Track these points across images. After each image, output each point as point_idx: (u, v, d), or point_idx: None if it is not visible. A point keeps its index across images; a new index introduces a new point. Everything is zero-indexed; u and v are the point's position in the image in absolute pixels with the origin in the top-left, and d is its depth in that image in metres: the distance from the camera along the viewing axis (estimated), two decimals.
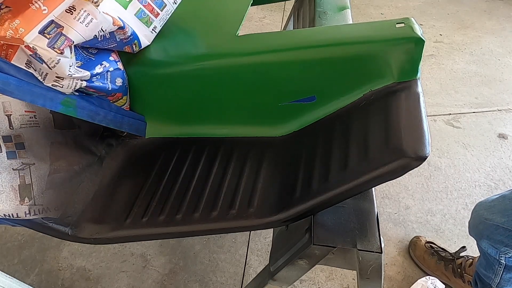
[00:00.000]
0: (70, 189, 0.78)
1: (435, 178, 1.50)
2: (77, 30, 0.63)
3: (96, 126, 0.86)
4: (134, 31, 0.76)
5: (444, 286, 1.10)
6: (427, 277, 1.13)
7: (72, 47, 0.65)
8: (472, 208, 1.03)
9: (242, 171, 0.77)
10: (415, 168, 0.55)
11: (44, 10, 0.60)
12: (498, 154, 1.61)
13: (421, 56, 0.69)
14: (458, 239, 1.30)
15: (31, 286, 0.98)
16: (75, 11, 0.63)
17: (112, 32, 0.71)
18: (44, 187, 0.73)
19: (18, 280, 0.92)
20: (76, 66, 0.68)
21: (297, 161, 0.74)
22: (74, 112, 0.73)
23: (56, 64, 0.63)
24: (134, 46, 0.78)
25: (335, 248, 0.62)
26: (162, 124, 0.88)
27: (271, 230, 1.16)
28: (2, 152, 0.69)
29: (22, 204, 0.69)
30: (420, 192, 1.45)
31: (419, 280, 1.12)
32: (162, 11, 0.82)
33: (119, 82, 0.78)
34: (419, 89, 0.68)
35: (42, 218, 0.71)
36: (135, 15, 0.77)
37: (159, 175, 0.80)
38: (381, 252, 0.60)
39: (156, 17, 0.81)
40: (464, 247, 1.18)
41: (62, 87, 0.68)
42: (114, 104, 0.80)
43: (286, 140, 0.81)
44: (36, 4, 0.60)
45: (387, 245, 1.28)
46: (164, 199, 0.74)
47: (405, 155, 0.55)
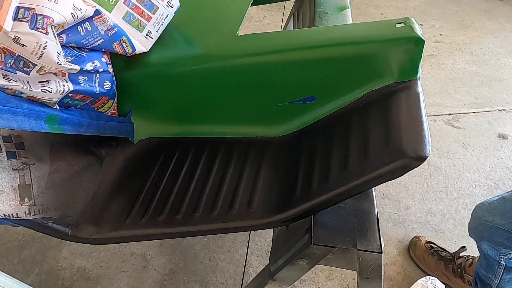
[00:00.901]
0: (70, 189, 0.78)
1: (435, 178, 1.50)
2: (48, 7, 0.60)
3: None
4: (120, 27, 0.73)
5: (444, 286, 1.10)
6: (427, 277, 1.13)
7: (54, 33, 0.61)
8: (472, 208, 1.03)
9: (242, 171, 0.77)
10: (415, 168, 0.55)
11: None
12: (498, 154, 1.61)
13: (421, 56, 0.69)
14: (458, 239, 1.30)
15: (31, 286, 0.98)
16: None
17: (91, 20, 0.68)
18: (44, 187, 0.73)
19: (18, 280, 0.91)
20: (67, 61, 0.66)
21: (297, 161, 0.74)
22: (60, 129, 0.70)
23: (44, 50, 0.59)
24: (124, 44, 0.74)
25: (335, 248, 0.62)
26: (162, 124, 0.88)
27: (271, 230, 1.16)
28: (2, 152, 0.69)
29: (22, 204, 0.69)
30: (420, 192, 1.45)
31: (419, 280, 1.12)
32: (154, 14, 0.78)
33: (107, 85, 0.76)
34: (419, 89, 0.68)
35: (42, 218, 0.71)
36: (123, 18, 0.74)
37: (159, 175, 0.80)
38: (381, 252, 0.60)
39: (148, 21, 0.77)
40: (464, 247, 1.18)
41: (51, 91, 0.66)
42: (96, 111, 0.78)
43: (286, 140, 0.81)
44: None
45: (387, 245, 1.28)
46: (164, 199, 0.74)
47: (405, 155, 0.55)
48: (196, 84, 0.80)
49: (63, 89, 0.68)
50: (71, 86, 0.69)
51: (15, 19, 0.58)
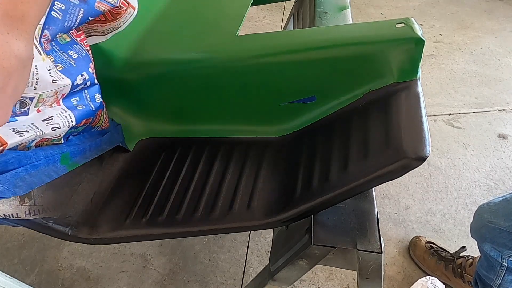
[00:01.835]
0: (70, 189, 0.78)
1: (435, 178, 1.50)
2: None
3: None
4: None
5: (444, 286, 1.10)
6: (427, 277, 1.13)
7: (38, 44, 0.54)
8: (472, 208, 1.03)
9: (242, 171, 0.77)
10: (415, 168, 0.55)
11: None
12: (498, 154, 1.61)
13: (421, 56, 0.69)
14: (458, 239, 1.30)
15: (31, 286, 0.98)
16: None
17: None
18: (44, 187, 0.73)
19: (18, 280, 0.91)
20: (57, 70, 0.60)
21: (297, 161, 0.74)
22: (75, 164, 0.69)
23: (37, 76, 0.53)
24: None
25: (335, 248, 0.62)
26: (162, 124, 0.88)
27: (271, 230, 1.16)
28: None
29: (22, 205, 0.69)
30: (420, 192, 1.45)
31: (419, 280, 1.12)
32: None
33: (98, 98, 0.72)
34: (419, 89, 0.68)
35: (42, 218, 0.71)
36: None
37: (159, 175, 0.80)
38: (381, 252, 0.60)
39: None
40: (464, 247, 1.18)
41: (60, 127, 0.62)
42: (93, 129, 0.74)
43: (286, 140, 0.81)
44: None
45: (387, 245, 1.28)
46: (164, 199, 0.74)
47: (405, 155, 0.55)
48: (196, 84, 0.80)
49: (67, 120, 0.64)
50: (72, 116, 0.65)
51: None
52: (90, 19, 0.64)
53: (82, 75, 0.66)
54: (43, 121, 0.60)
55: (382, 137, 0.62)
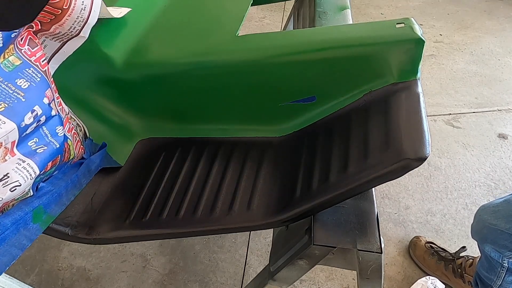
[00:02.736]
0: None
1: (435, 178, 1.50)
2: None
3: None
4: None
5: (444, 286, 1.10)
6: (427, 277, 1.13)
7: None
8: (472, 208, 1.03)
9: (242, 171, 0.77)
10: (415, 168, 0.55)
11: None
12: (498, 154, 1.61)
13: (421, 56, 0.69)
14: (458, 239, 1.30)
15: (31, 286, 0.98)
16: None
17: None
18: None
19: (18, 280, 0.92)
20: None
21: (297, 161, 0.74)
22: (50, 217, 0.60)
23: None
24: None
25: (335, 248, 0.62)
26: (162, 124, 0.88)
27: (271, 230, 1.16)
28: None
29: None
30: (420, 192, 1.45)
31: (419, 280, 1.12)
32: None
33: (60, 130, 0.58)
34: (419, 89, 0.68)
35: None
36: None
37: (159, 175, 0.80)
38: (381, 252, 0.60)
39: None
40: (464, 247, 1.18)
41: (21, 184, 0.51)
42: (66, 165, 0.63)
43: (286, 140, 0.81)
44: None
45: (387, 245, 1.28)
46: (164, 199, 0.74)
47: (405, 155, 0.55)
48: (196, 84, 0.80)
49: (28, 173, 0.52)
50: (33, 165, 0.53)
51: None
52: (48, 86, 0.56)
53: (33, 111, 0.52)
54: None
55: (382, 137, 0.62)
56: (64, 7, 0.59)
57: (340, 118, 0.75)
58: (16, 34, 0.49)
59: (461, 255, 1.18)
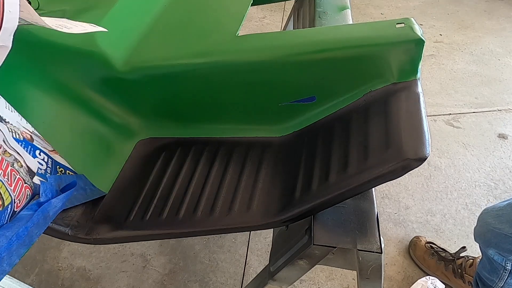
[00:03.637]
0: None
1: (435, 178, 1.50)
2: None
3: None
4: None
5: (444, 286, 1.10)
6: (427, 277, 1.13)
7: None
8: (472, 208, 1.03)
9: (242, 171, 0.77)
10: (415, 168, 0.55)
11: None
12: (498, 154, 1.61)
13: (421, 57, 0.69)
14: (458, 239, 1.30)
15: (31, 286, 0.99)
16: None
17: None
18: None
19: (18, 280, 0.92)
20: None
21: (297, 161, 0.74)
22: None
23: None
24: None
25: (335, 248, 0.62)
26: (162, 124, 0.88)
27: (271, 230, 1.16)
28: None
29: None
30: (420, 192, 1.45)
31: (419, 280, 1.12)
32: None
33: None
34: (419, 89, 0.68)
35: None
36: None
37: (159, 175, 0.80)
38: (381, 252, 0.60)
39: None
40: (464, 247, 1.18)
41: None
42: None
43: (286, 140, 0.81)
44: None
45: (387, 245, 1.28)
46: (164, 200, 0.74)
47: (405, 155, 0.55)
48: (196, 84, 0.80)
49: None
50: None
51: None
52: None
53: None
54: None
55: (382, 137, 0.62)
56: None
57: (340, 118, 0.75)
58: None
59: (461, 255, 1.18)
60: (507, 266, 0.94)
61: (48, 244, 1.31)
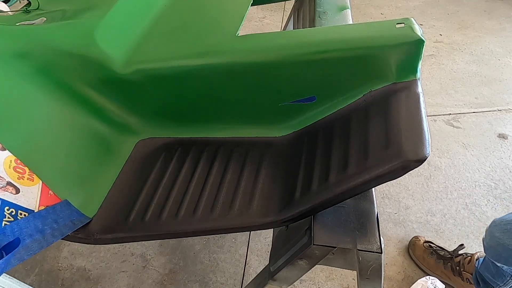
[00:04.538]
0: None
1: (435, 178, 1.50)
2: None
3: None
4: None
5: (444, 286, 1.10)
6: (427, 277, 1.13)
7: None
8: (472, 208, 1.03)
9: (242, 171, 0.77)
10: (415, 168, 0.55)
11: None
12: (498, 154, 1.61)
13: (421, 57, 0.69)
14: (458, 239, 1.30)
15: (31, 286, 0.99)
16: None
17: None
18: None
19: (18, 280, 0.92)
20: None
21: (297, 161, 0.74)
22: None
23: None
24: None
25: (335, 248, 0.62)
26: (162, 124, 0.88)
27: (271, 230, 1.16)
28: None
29: None
30: (420, 192, 1.45)
31: (419, 280, 1.13)
32: None
33: None
34: (419, 89, 0.68)
35: None
36: None
37: (159, 175, 0.80)
38: (381, 252, 0.60)
39: None
40: (462, 244, 1.18)
41: None
42: None
43: (286, 140, 0.81)
44: None
45: (387, 245, 1.28)
46: (164, 200, 0.74)
47: (405, 156, 0.55)
48: (196, 84, 0.80)
49: None
50: None
51: None
52: None
53: None
54: None
55: (382, 137, 0.62)
56: None
57: (340, 118, 0.75)
58: None
59: (459, 252, 1.18)
60: None
61: None
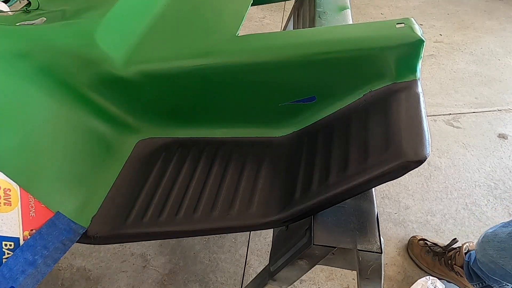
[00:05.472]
0: None
1: (435, 178, 1.50)
2: None
3: None
4: None
5: (444, 286, 1.10)
6: (427, 277, 1.13)
7: None
8: (472, 208, 1.03)
9: (242, 171, 0.77)
10: (415, 168, 0.55)
11: None
12: (498, 154, 1.61)
13: (421, 57, 0.69)
14: (458, 239, 1.30)
15: None
16: None
17: None
18: None
19: None
20: None
21: (297, 161, 0.74)
22: None
23: None
24: None
25: (335, 248, 0.62)
26: (162, 124, 0.88)
27: (271, 230, 1.16)
28: None
29: None
30: (420, 192, 1.45)
31: (419, 280, 1.12)
32: None
33: None
34: (419, 89, 0.68)
35: None
36: None
37: (159, 175, 0.80)
38: (381, 252, 0.60)
39: None
40: (455, 239, 1.17)
41: None
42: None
43: (286, 140, 0.81)
44: None
45: (387, 245, 1.28)
46: (164, 199, 0.74)
47: (404, 156, 0.55)
48: (196, 84, 0.80)
49: None
50: None
51: None
52: None
53: None
54: None
55: (382, 137, 0.62)
56: None
57: (340, 118, 0.75)
58: None
59: (452, 247, 1.17)
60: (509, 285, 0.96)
61: None
